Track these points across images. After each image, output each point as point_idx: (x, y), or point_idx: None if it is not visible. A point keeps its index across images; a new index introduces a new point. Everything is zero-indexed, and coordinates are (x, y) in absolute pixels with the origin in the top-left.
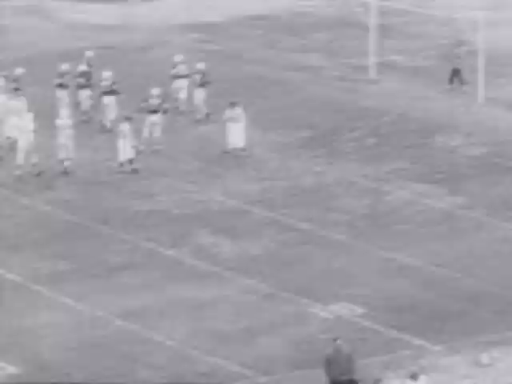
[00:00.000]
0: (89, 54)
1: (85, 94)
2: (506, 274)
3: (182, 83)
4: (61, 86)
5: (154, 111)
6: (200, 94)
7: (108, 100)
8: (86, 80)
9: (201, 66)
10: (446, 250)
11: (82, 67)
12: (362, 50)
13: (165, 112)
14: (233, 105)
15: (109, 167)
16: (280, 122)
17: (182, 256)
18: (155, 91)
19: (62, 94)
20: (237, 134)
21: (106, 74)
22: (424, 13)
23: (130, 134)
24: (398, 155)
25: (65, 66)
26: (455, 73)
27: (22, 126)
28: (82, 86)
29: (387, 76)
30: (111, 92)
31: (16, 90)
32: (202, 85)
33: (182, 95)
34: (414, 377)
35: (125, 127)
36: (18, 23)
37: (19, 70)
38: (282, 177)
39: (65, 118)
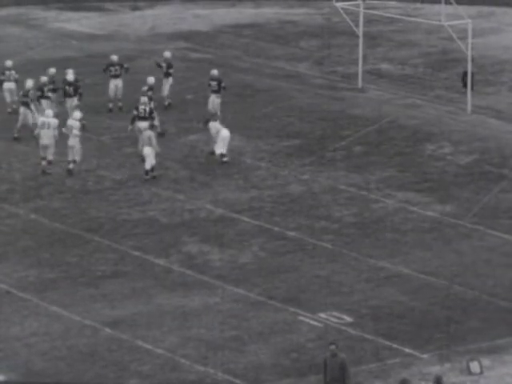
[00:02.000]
0: (113, 57)
1: (69, 103)
2: (495, 281)
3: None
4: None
5: (143, 118)
6: (216, 100)
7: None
8: (74, 89)
9: (214, 72)
10: (435, 258)
11: (70, 76)
12: (349, 59)
13: (151, 126)
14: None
15: (97, 176)
16: (268, 131)
17: (170, 264)
18: (143, 99)
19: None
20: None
21: (150, 79)
22: (411, 21)
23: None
24: (386, 163)
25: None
26: (465, 75)
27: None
28: (68, 95)
29: (375, 84)
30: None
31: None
32: (218, 91)
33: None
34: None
35: (150, 134)
36: (4, 32)
37: (52, 70)
38: (270, 185)
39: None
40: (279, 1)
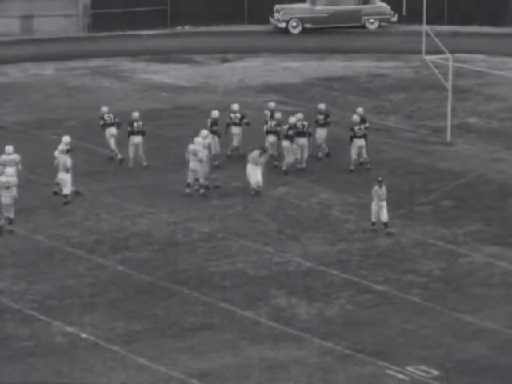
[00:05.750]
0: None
1: None
2: None
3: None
4: None
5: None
6: (322, 133)
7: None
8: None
9: (322, 106)
10: None
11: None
12: (438, 112)
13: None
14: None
15: (185, 228)
16: (356, 184)
17: (258, 317)
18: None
19: None
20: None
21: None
22: (499, 74)
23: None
24: (473, 217)
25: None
26: None
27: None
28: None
29: (463, 138)
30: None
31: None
32: (325, 125)
33: (236, 143)
34: None
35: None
36: (93, 83)
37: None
38: (358, 238)
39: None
40: (369, 54)
